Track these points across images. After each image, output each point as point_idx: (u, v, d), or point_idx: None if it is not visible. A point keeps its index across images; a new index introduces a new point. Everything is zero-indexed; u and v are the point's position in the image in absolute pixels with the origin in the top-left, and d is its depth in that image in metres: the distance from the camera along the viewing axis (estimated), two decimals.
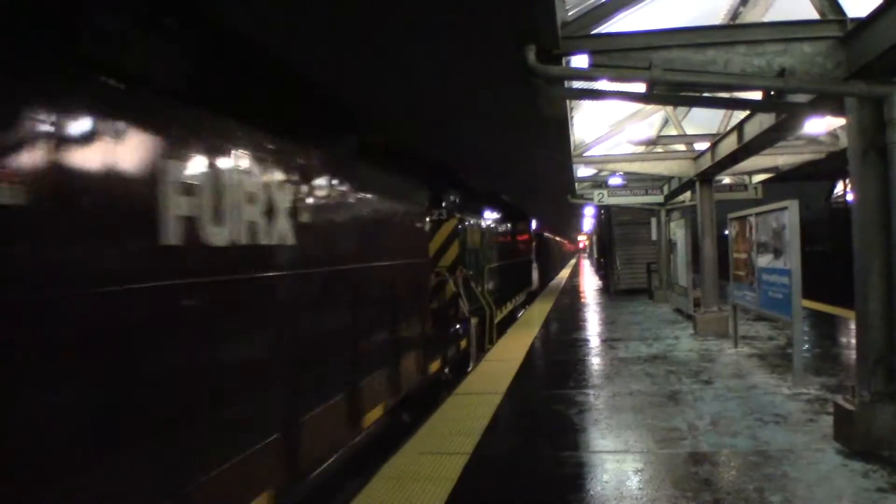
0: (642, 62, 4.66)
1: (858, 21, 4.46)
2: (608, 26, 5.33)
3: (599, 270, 29.21)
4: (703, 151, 10.56)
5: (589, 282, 28.44)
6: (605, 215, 21.64)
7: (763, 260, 7.19)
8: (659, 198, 15.35)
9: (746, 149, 8.25)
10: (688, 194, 14.95)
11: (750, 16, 7.04)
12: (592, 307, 16.28)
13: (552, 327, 12.33)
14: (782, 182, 15.16)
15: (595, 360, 8.48)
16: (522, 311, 16.75)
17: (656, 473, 4.14)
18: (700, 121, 11.65)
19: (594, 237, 39.26)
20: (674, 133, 11.83)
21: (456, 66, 5.61)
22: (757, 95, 5.61)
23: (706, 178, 10.66)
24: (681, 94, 5.73)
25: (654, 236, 16.95)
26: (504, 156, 10.57)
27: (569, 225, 41.72)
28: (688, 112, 11.59)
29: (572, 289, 24.22)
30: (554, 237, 40.41)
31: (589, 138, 12.22)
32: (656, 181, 15.06)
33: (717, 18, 7.42)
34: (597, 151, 12.54)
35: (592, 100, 8.61)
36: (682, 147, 11.96)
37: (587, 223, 37.61)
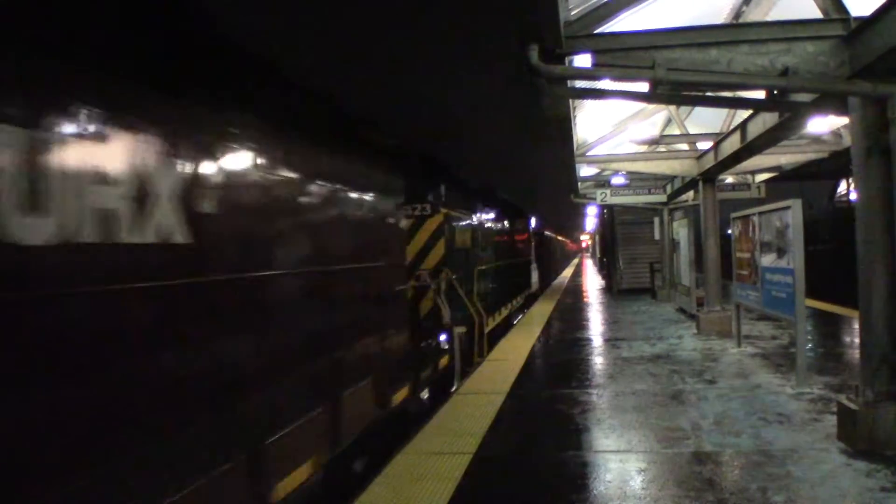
0: (645, 61, 4.65)
1: (862, 20, 4.45)
2: (611, 26, 5.34)
3: (602, 270, 29.17)
4: (707, 151, 10.55)
5: (592, 281, 28.44)
6: (608, 215, 21.63)
7: (766, 259, 7.18)
8: (662, 197, 15.34)
9: (749, 148, 8.24)
10: (691, 193, 14.93)
11: (753, 15, 7.02)
12: (595, 307, 16.27)
13: (555, 327, 12.32)
14: (785, 181, 15.16)
15: (598, 360, 8.48)
16: (520, 316, 15.57)
17: (660, 473, 4.14)
18: (703, 120, 11.64)
19: (597, 237, 39.25)
20: (677, 132, 11.81)
21: (457, 66, 5.59)
22: (760, 94, 5.60)
23: (709, 178, 10.65)
24: (684, 94, 5.73)
25: (657, 236, 16.94)
26: (506, 154, 10.53)
27: (572, 224, 41.68)
28: (691, 111, 11.57)
29: (575, 288, 24.22)
30: (556, 236, 40.35)
31: (592, 137, 12.22)
32: (659, 180, 15.07)
33: (720, 18, 7.41)
34: (600, 151, 12.54)
35: (595, 99, 8.60)
36: (685, 146, 11.95)
37: (590, 223, 37.58)
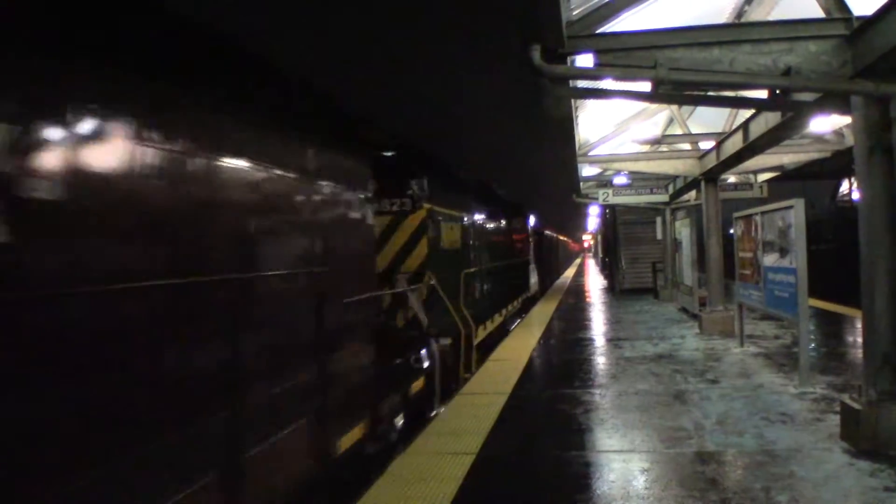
0: (647, 61, 4.65)
1: (864, 19, 4.44)
2: (613, 25, 5.34)
3: (604, 270, 29.17)
4: (709, 150, 10.54)
5: (594, 281, 28.42)
6: (610, 214, 21.62)
7: (769, 259, 7.18)
8: (664, 197, 15.33)
9: (752, 148, 8.23)
10: (693, 193, 14.93)
11: (755, 14, 7.03)
12: (597, 307, 16.26)
13: (557, 327, 12.32)
14: (788, 181, 15.14)
15: (600, 360, 8.48)
16: (517, 321, 14.37)
17: (663, 473, 4.14)
18: (705, 120, 11.64)
19: (599, 236, 39.23)
20: (679, 132, 11.82)
21: (458, 65, 5.59)
22: (762, 94, 5.60)
23: (711, 177, 10.64)
24: (686, 93, 5.72)
25: (660, 235, 16.93)
26: (507, 154, 10.52)
27: (574, 224, 41.65)
28: (693, 111, 11.57)
29: (577, 288, 24.20)
30: (557, 236, 40.28)
31: (594, 137, 12.23)
32: (661, 180, 15.04)
33: (722, 17, 7.42)
34: (602, 150, 12.54)
35: (597, 99, 8.61)
36: (688, 146, 11.94)
37: (592, 222, 37.55)
